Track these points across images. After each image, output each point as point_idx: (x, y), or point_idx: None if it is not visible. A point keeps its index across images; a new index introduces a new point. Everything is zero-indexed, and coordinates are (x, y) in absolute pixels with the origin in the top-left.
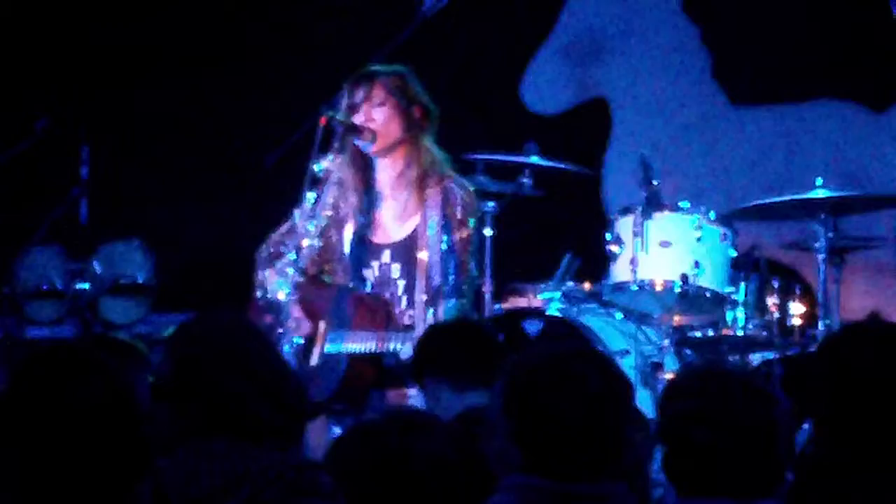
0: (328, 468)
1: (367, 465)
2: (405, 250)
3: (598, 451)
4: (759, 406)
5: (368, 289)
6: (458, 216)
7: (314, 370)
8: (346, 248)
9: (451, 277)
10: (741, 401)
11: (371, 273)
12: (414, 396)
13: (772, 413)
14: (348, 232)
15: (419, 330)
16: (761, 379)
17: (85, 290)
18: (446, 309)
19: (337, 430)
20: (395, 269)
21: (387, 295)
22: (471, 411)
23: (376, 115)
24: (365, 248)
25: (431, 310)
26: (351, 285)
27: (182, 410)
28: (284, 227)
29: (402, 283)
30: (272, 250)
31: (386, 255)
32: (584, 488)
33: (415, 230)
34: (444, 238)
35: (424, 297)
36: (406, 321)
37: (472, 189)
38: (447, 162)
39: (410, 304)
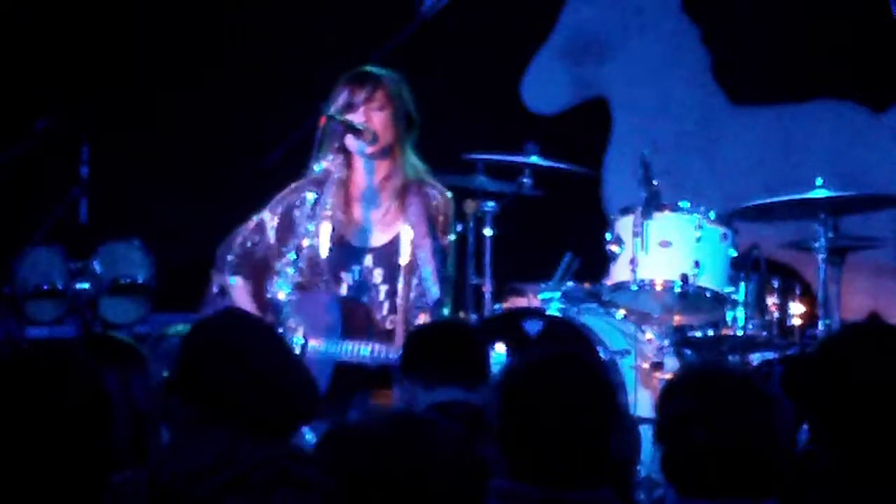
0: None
1: (368, 467)
2: (388, 256)
3: (584, 457)
4: (758, 406)
5: (345, 291)
6: (441, 223)
7: None
8: (324, 251)
9: (441, 284)
10: (739, 401)
11: (350, 277)
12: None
13: (770, 413)
14: (325, 233)
15: (399, 335)
16: (760, 379)
17: (85, 290)
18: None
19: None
20: (377, 274)
21: (364, 299)
22: (436, 406)
23: (375, 118)
24: (344, 250)
25: (426, 317)
26: (324, 288)
27: (187, 403)
28: (251, 224)
29: (384, 289)
30: (238, 252)
31: (368, 259)
32: (570, 495)
33: (397, 236)
34: (435, 244)
35: (405, 304)
36: (388, 326)
37: (450, 195)
38: (427, 171)
39: (392, 309)
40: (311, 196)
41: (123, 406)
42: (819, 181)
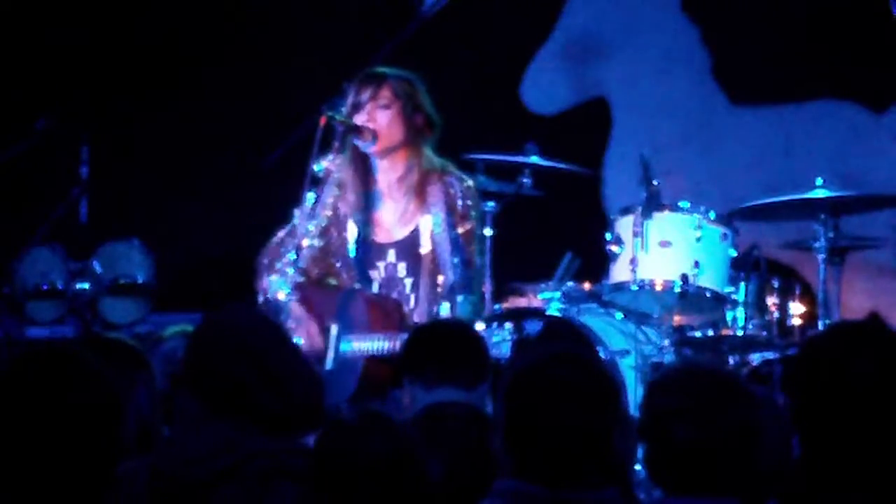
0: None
1: (319, 464)
2: (409, 248)
3: (587, 457)
4: (740, 404)
5: (375, 289)
6: (460, 210)
7: (329, 374)
8: (351, 250)
9: (458, 272)
10: (721, 398)
11: (377, 273)
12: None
13: (753, 412)
14: (351, 232)
15: None
16: (744, 378)
17: (85, 290)
18: (459, 304)
19: None
20: (402, 268)
21: (394, 294)
22: (435, 406)
23: (380, 117)
24: (369, 248)
25: (447, 305)
26: (357, 286)
27: (193, 396)
28: (283, 232)
29: (408, 282)
30: (273, 257)
31: (391, 255)
32: (575, 495)
33: (417, 227)
34: (451, 232)
35: (431, 294)
36: (416, 319)
37: (471, 183)
38: (447, 164)
39: (418, 301)
40: (310, 196)
41: (128, 406)
42: (819, 181)
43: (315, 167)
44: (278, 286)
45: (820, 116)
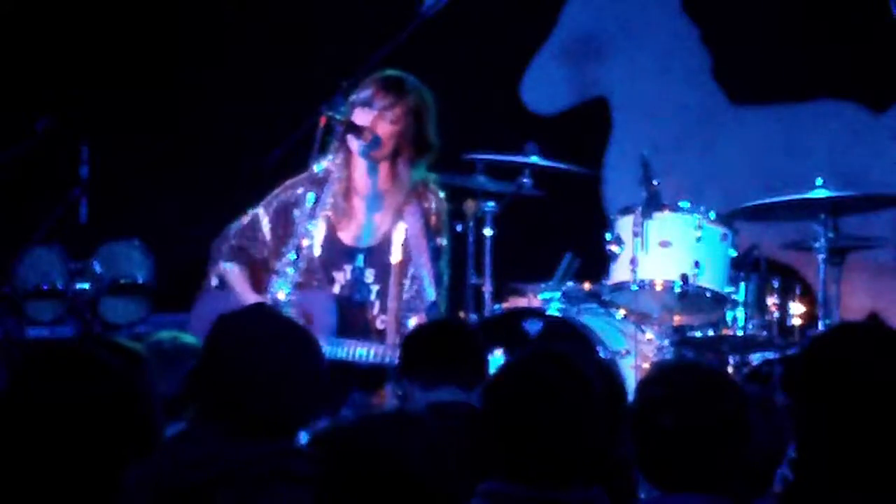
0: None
1: (339, 465)
2: (379, 255)
3: (568, 456)
4: (728, 397)
5: (337, 291)
6: (434, 224)
7: None
8: (317, 249)
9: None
10: (709, 390)
11: (342, 276)
12: (391, 397)
13: (741, 406)
14: (320, 230)
15: (391, 336)
16: (743, 378)
17: (85, 290)
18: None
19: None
20: (369, 274)
21: (357, 298)
22: (435, 406)
23: (382, 128)
24: (337, 249)
25: (415, 319)
26: (335, 290)
27: (196, 400)
28: (246, 220)
29: (375, 289)
30: (234, 243)
31: (359, 259)
32: (558, 495)
33: (390, 236)
34: (430, 244)
35: (396, 304)
36: (379, 326)
37: (443, 195)
38: (432, 181)
39: (383, 309)
40: (311, 196)
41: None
42: (819, 181)
43: (315, 167)
44: (278, 286)
45: (820, 116)
